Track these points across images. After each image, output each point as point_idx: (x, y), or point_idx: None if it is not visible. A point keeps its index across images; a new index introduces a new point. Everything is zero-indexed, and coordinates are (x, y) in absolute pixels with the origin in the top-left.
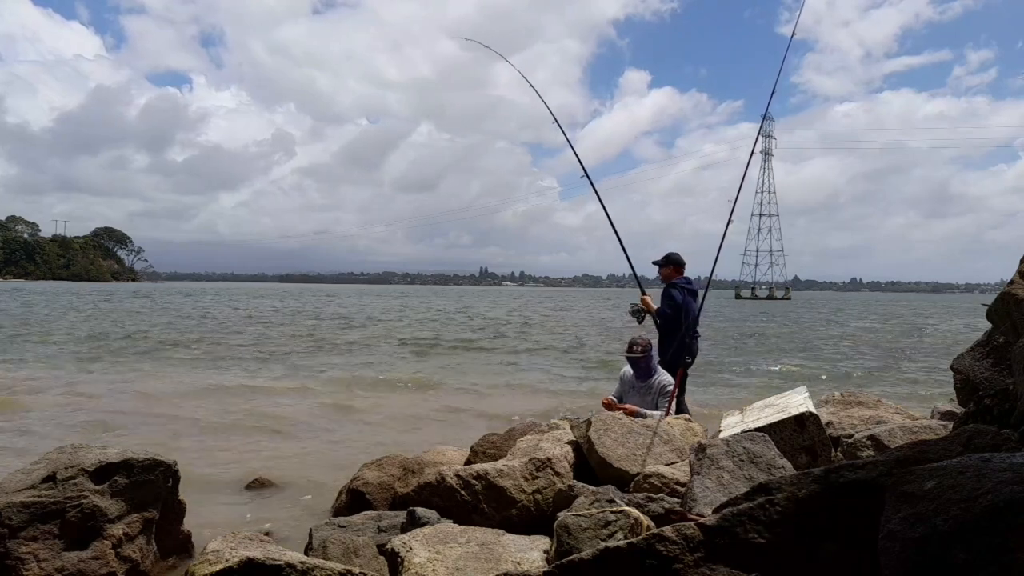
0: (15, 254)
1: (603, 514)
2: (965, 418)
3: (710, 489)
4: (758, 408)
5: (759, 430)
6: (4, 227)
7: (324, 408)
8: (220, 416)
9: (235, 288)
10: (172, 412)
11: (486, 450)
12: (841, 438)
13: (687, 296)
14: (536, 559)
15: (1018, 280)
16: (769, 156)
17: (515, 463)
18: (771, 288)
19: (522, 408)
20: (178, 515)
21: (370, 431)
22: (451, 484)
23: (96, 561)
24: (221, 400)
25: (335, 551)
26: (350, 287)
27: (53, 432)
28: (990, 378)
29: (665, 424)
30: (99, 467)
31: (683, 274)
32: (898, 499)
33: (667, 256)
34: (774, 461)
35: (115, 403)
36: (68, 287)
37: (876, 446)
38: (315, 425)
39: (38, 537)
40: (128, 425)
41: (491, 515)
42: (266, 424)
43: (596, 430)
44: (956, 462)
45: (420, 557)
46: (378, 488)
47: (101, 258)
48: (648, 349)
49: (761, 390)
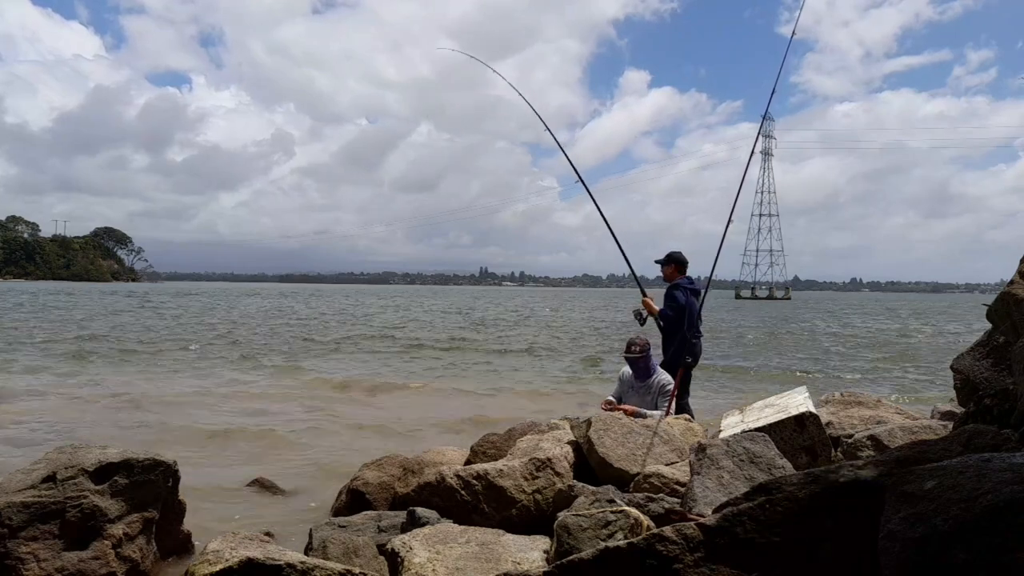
0: (15, 254)
1: (603, 514)
2: (965, 418)
3: (710, 489)
4: (758, 408)
5: (759, 430)
6: (4, 227)
7: (324, 408)
8: (220, 416)
9: (236, 288)
10: (172, 412)
11: (486, 450)
12: (841, 438)
13: (690, 296)
14: (536, 559)
15: (1018, 280)
16: (769, 156)
17: (515, 463)
18: (771, 288)
19: (522, 408)
20: (178, 515)
21: (370, 431)
22: (451, 484)
23: (96, 561)
24: (221, 400)
25: (335, 551)
26: (350, 287)
27: (53, 434)
28: (990, 378)
29: (665, 424)
30: (99, 467)
31: (686, 273)
32: (898, 499)
33: (669, 255)
34: (774, 461)
35: (114, 403)
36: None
37: (876, 446)
38: (315, 425)
39: (38, 537)
40: (127, 425)
41: (491, 515)
42: (266, 424)
43: (596, 430)
44: (956, 462)
45: (420, 557)
46: (378, 488)
47: (101, 258)
48: (646, 349)
49: (761, 390)
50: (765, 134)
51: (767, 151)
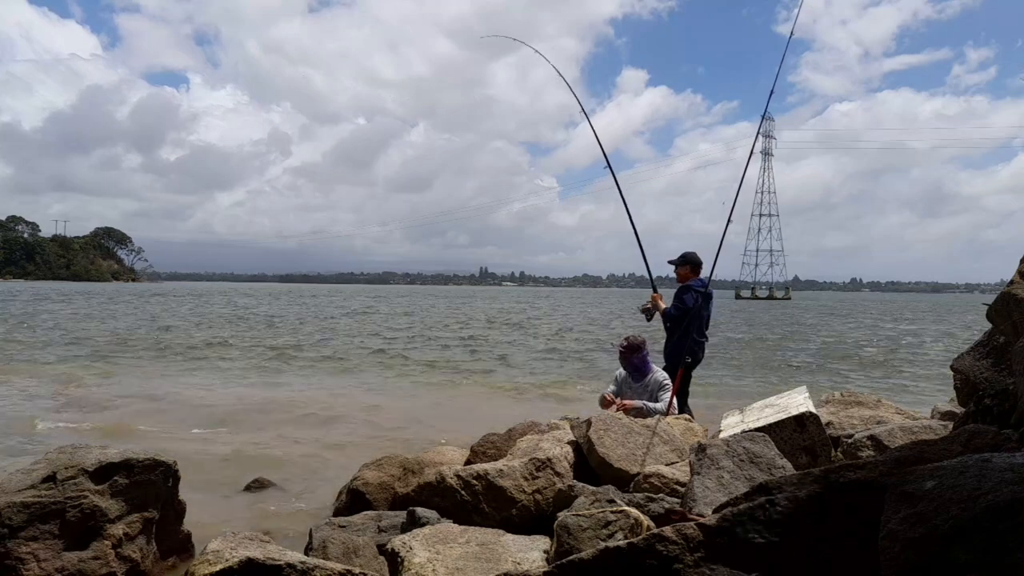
0: (15, 254)
1: (603, 514)
2: (965, 418)
3: (710, 489)
4: (758, 408)
5: (759, 430)
6: (4, 227)
7: (324, 408)
8: (220, 416)
9: (236, 288)
10: (171, 412)
11: (486, 450)
12: (841, 438)
13: (700, 299)
14: (536, 559)
15: (1018, 280)
16: (769, 156)
17: (515, 463)
18: (771, 288)
19: (521, 408)
20: (178, 515)
21: (370, 431)
22: (451, 484)
23: (96, 561)
24: (221, 400)
25: (335, 551)
26: (351, 287)
27: (52, 435)
28: (990, 378)
29: (665, 424)
30: (99, 467)
31: (700, 275)
32: (898, 499)
33: (683, 256)
34: (774, 461)
35: (112, 404)
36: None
37: (876, 446)
38: (315, 425)
39: (38, 537)
40: (126, 425)
41: (491, 515)
42: (266, 424)
43: (596, 430)
44: (956, 462)
45: (420, 557)
46: (378, 488)
47: (101, 258)
48: (641, 348)
49: (761, 390)
50: (765, 134)
51: (767, 151)
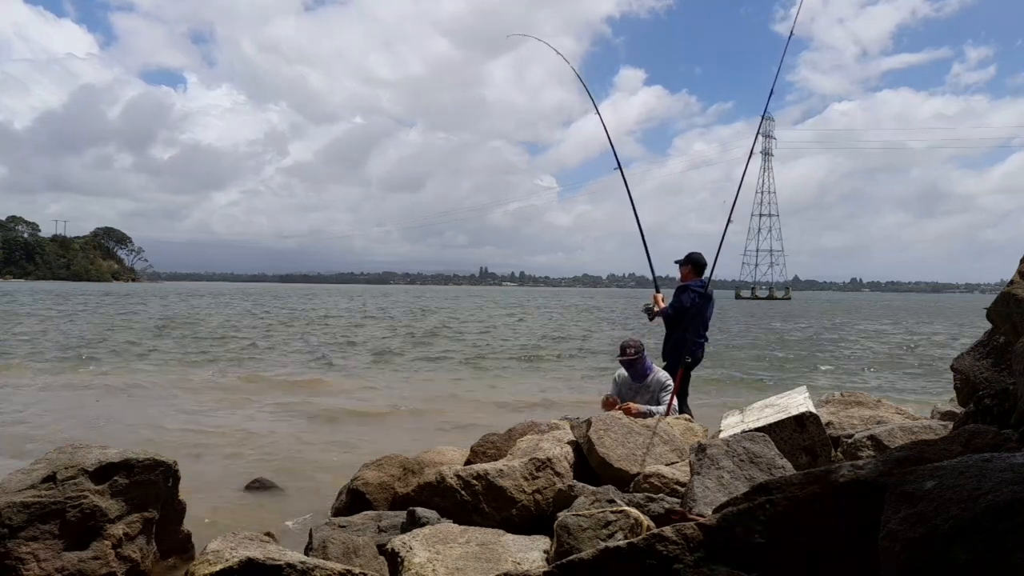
0: (15, 254)
1: (603, 514)
2: (965, 418)
3: (710, 489)
4: (758, 408)
5: (759, 430)
6: (4, 227)
7: (323, 408)
8: (220, 416)
9: (237, 288)
10: (172, 413)
11: (486, 450)
12: (841, 438)
13: (698, 299)
14: (536, 559)
15: (1018, 280)
16: (769, 156)
17: (515, 463)
18: (771, 288)
19: (520, 408)
20: (178, 515)
21: (369, 431)
22: (451, 484)
23: (96, 561)
24: (220, 401)
25: (335, 551)
26: (351, 287)
27: (51, 433)
28: (990, 378)
29: (665, 424)
30: (99, 467)
31: (701, 276)
32: (898, 499)
33: (688, 256)
34: (774, 461)
35: (111, 404)
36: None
37: (876, 446)
38: (315, 425)
39: (38, 537)
40: (125, 426)
41: (491, 515)
42: (266, 424)
43: (596, 430)
44: (956, 462)
45: (420, 557)
46: (378, 488)
47: (101, 258)
48: (640, 350)
49: (761, 390)
50: (765, 133)
51: (767, 151)
